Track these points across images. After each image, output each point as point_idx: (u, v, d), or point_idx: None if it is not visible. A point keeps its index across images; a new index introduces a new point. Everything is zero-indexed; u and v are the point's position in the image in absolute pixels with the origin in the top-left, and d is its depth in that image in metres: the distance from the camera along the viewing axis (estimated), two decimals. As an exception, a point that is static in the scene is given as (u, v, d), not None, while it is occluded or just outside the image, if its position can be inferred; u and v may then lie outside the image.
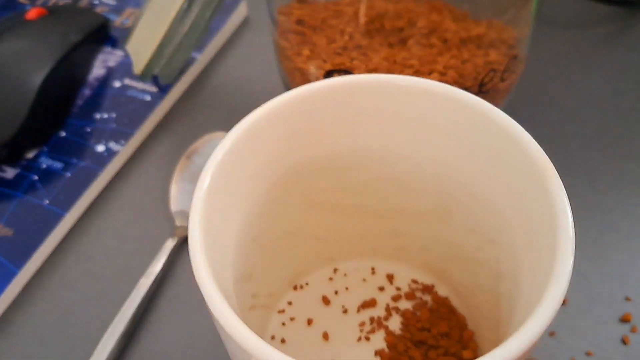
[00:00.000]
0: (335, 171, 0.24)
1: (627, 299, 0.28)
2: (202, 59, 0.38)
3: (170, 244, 0.30)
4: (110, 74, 0.37)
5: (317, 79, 0.30)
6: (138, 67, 0.32)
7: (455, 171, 0.22)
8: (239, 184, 0.20)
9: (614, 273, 0.29)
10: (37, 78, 0.33)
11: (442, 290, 0.27)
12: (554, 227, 0.17)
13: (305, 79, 0.30)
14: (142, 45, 0.30)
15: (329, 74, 0.29)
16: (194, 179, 0.32)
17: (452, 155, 0.21)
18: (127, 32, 0.39)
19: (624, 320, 0.28)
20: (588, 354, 0.27)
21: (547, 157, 0.18)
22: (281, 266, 0.26)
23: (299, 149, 0.21)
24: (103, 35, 0.39)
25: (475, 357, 0.25)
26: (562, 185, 0.17)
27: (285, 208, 0.24)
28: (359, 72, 0.29)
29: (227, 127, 0.35)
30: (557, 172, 0.18)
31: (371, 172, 0.24)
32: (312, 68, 0.29)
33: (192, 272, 0.29)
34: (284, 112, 0.20)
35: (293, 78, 0.31)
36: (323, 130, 0.21)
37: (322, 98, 0.20)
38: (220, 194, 0.18)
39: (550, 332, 0.27)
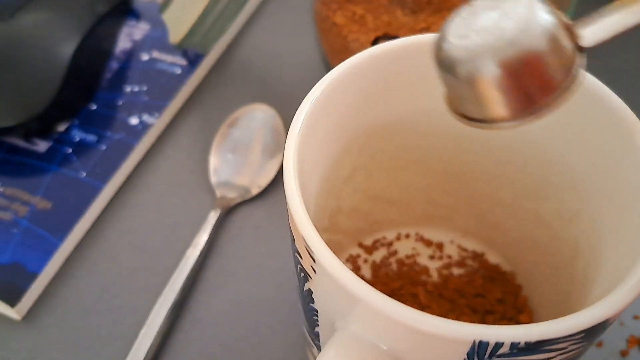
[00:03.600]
0: (420, 140, 0.23)
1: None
2: (230, 30, 0.37)
3: (213, 216, 0.29)
4: (136, 47, 0.37)
5: (362, 46, 0.29)
6: (175, 36, 0.31)
7: (541, 143, 0.21)
8: (325, 136, 0.20)
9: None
10: (68, 50, 0.33)
11: (492, 258, 0.27)
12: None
13: (347, 48, 0.30)
14: (183, 13, 0.30)
15: (374, 42, 0.29)
16: (235, 149, 0.31)
17: (537, 126, 0.21)
18: (150, 5, 0.39)
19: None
20: None
21: (634, 114, 0.18)
22: (349, 225, 0.26)
23: (380, 107, 0.21)
24: (127, 7, 0.38)
25: (532, 321, 0.26)
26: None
27: (363, 171, 0.24)
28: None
29: (260, 99, 0.34)
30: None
31: (460, 149, 0.24)
32: (356, 35, 0.29)
33: (237, 243, 0.29)
34: (370, 67, 0.20)
35: (333, 47, 0.31)
36: (406, 90, 0.21)
37: (407, 55, 0.20)
38: (309, 144, 0.18)
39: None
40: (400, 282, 0.27)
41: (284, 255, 0.29)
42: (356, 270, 0.27)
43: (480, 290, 0.26)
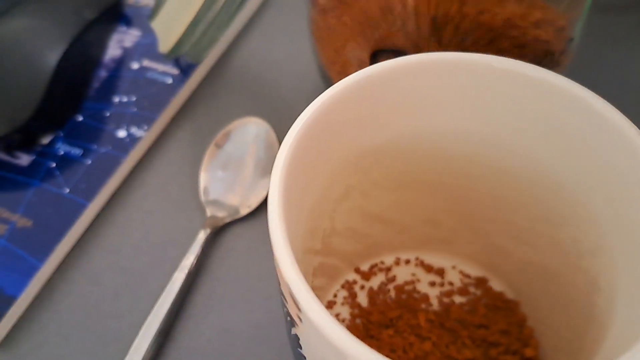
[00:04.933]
0: (421, 160, 0.22)
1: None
2: (225, 39, 0.36)
3: (202, 236, 0.28)
4: (126, 55, 0.35)
5: (360, 60, 0.28)
6: (165, 45, 0.30)
7: (551, 170, 0.20)
8: (318, 156, 0.18)
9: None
10: (52, 58, 0.31)
11: (496, 285, 0.26)
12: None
13: (344, 59, 0.29)
14: (171, 21, 0.28)
15: (375, 55, 0.27)
16: (226, 166, 0.30)
17: (547, 151, 0.19)
18: (141, 10, 0.37)
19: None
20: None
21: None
22: (344, 246, 0.25)
23: (377, 127, 0.20)
24: (117, 13, 0.37)
25: (537, 355, 0.24)
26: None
27: (359, 190, 0.22)
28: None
29: (253, 111, 0.33)
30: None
31: (465, 183, 0.23)
32: (355, 49, 0.28)
33: (227, 265, 0.28)
34: (366, 87, 0.18)
35: (329, 58, 0.30)
36: (405, 110, 0.20)
37: (406, 75, 0.18)
38: (300, 167, 0.17)
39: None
40: (399, 310, 0.25)
41: (276, 280, 0.27)
42: (352, 297, 0.26)
43: (483, 320, 0.25)
